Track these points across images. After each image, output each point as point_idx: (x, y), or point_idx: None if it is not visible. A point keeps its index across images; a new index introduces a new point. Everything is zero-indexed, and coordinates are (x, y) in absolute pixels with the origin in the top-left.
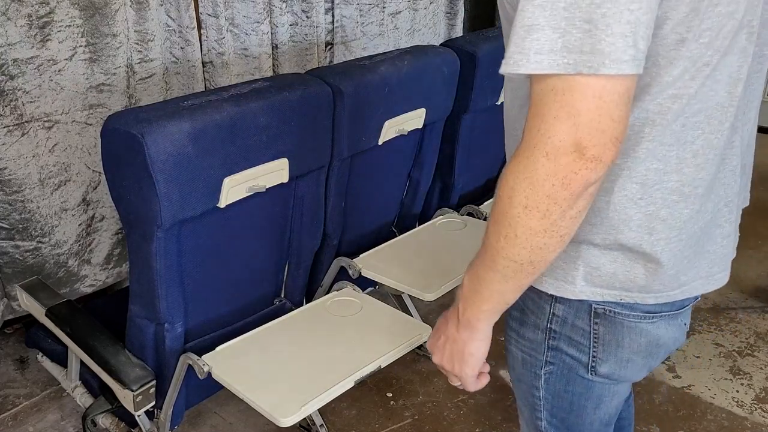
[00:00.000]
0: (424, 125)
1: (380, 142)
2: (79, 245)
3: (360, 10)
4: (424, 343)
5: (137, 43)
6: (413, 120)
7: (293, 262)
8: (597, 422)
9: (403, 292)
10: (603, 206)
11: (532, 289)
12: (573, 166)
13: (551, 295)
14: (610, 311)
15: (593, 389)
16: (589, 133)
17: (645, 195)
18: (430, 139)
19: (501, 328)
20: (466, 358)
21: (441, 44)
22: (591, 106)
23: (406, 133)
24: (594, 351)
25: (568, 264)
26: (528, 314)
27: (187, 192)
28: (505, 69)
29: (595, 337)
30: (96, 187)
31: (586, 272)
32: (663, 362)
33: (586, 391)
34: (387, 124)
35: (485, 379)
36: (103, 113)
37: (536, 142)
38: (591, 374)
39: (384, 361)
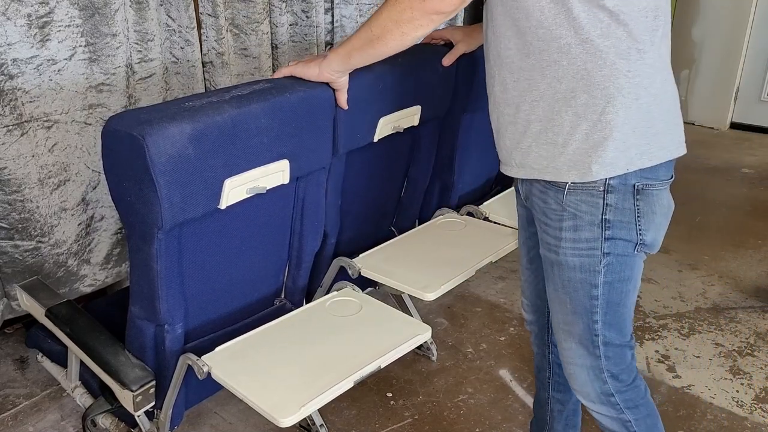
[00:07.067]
0: (420, 123)
1: (375, 139)
2: (79, 245)
3: (360, 10)
4: (424, 343)
5: (137, 43)
6: (408, 117)
7: (293, 263)
8: (632, 303)
9: (403, 292)
10: None
11: (584, 191)
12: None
13: (603, 186)
14: (646, 186)
15: (637, 266)
16: None
17: None
18: (427, 137)
19: (499, 327)
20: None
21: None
22: None
23: (402, 131)
24: (639, 225)
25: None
26: (582, 216)
27: (188, 194)
28: None
29: (638, 212)
30: (95, 187)
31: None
32: (663, 362)
33: (632, 270)
34: (382, 121)
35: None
36: (103, 113)
37: None
38: (638, 250)
39: (384, 361)
